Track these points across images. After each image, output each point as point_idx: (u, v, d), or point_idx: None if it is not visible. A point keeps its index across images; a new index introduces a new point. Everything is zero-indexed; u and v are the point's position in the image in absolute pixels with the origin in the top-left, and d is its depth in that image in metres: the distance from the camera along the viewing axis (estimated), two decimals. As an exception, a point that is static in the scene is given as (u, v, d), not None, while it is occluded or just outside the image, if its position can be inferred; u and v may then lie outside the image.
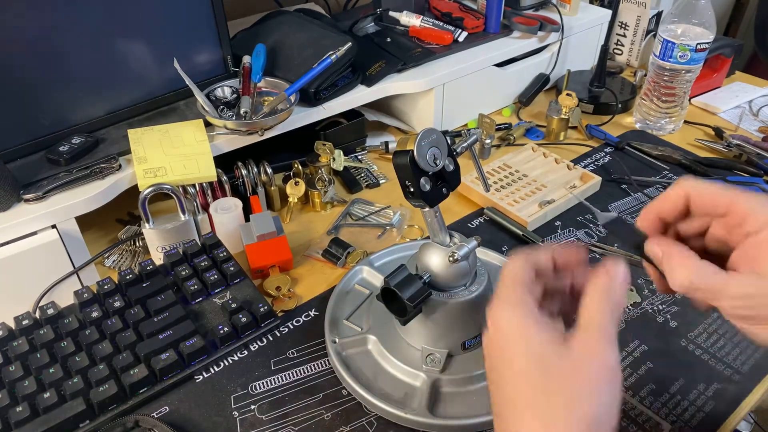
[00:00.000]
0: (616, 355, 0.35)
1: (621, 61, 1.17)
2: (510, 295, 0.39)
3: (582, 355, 0.35)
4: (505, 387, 0.37)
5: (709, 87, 1.10)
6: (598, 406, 0.34)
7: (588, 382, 0.34)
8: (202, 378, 0.59)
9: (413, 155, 0.49)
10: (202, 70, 0.81)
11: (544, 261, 0.41)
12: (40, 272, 0.65)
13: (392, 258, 0.71)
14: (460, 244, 0.54)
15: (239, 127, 0.74)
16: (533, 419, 0.35)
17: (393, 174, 0.68)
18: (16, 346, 0.57)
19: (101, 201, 0.67)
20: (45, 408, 0.52)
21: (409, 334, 0.59)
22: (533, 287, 0.40)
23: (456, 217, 0.81)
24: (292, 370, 0.60)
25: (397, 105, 0.98)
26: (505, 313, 0.38)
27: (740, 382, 0.58)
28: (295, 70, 0.82)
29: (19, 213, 0.63)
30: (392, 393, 0.56)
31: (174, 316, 0.61)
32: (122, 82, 0.75)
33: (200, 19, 0.78)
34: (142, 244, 0.75)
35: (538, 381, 0.35)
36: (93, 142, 0.72)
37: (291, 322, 0.65)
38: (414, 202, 0.52)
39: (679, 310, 0.66)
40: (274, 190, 0.80)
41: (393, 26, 0.98)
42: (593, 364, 0.35)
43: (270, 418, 0.55)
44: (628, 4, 1.11)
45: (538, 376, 0.35)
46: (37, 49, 0.67)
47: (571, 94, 0.94)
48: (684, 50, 0.88)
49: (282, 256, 0.70)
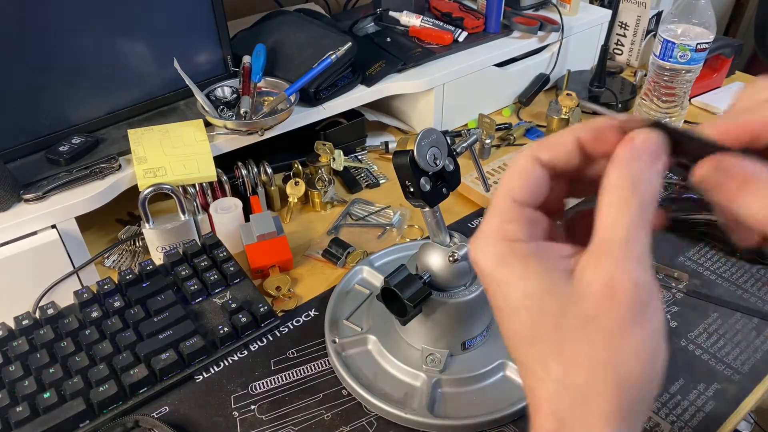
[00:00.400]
0: (648, 283, 0.25)
1: (621, 61, 1.17)
2: (490, 219, 0.29)
3: (596, 296, 0.25)
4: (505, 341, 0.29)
5: (709, 87, 1.09)
6: (628, 366, 0.25)
7: (604, 336, 0.25)
8: (202, 378, 0.59)
9: (413, 155, 0.49)
10: (202, 70, 0.81)
11: (564, 151, 0.29)
12: (40, 272, 0.65)
13: (392, 258, 0.71)
14: (460, 244, 0.54)
15: (239, 127, 0.74)
16: (540, 384, 0.27)
17: (393, 174, 0.68)
18: (16, 346, 0.57)
19: (101, 201, 0.67)
20: (45, 408, 0.52)
21: (409, 334, 0.59)
22: (534, 198, 0.29)
23: (456, 217, 0.81)
24: (292, 370, 0.60)
25: (397, 105, 0.98)
26: (480, 247, 0.29)
27: (740, 382, 0.58)
28: (295, 70, 0.82)
29: (19, 213, 0.63)
30: (392, 393, 0.56)
31: (174, 316, 0.61)
32: (122, 82, 0.75)
33: (200, 19, 0.78)
34: (142, 244, 0.75)
35: (535, 339, 0.27)
36: (93, 142, 0.72)
37: (291, 322, 0.65)
38: (414, 202, 0.52)
39: (679, 310, 0.66)
40: (274, 190, 0.80)
41: (393, 26, 0.98)
42: (614, 306, 0.25)
43: (270, 418, 0.55)
44: (628, 4, 1.11)
45: (531, 333, 0.27)
46: (37, 49, 0.67)
47: (571, 94, 0.94)
48: (684, 50, 0.88)
49: (282, 256, 0.70)
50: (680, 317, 0.65)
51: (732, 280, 0.69)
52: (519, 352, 0.28)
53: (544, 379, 0.27)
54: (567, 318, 0.26)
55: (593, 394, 0.26)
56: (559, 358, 0.26)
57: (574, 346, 0.26)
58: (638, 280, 0.25)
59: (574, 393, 0.26)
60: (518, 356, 0.29)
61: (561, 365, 0.26)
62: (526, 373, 0.28)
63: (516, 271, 0.28)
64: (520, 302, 0.27)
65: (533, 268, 0.27)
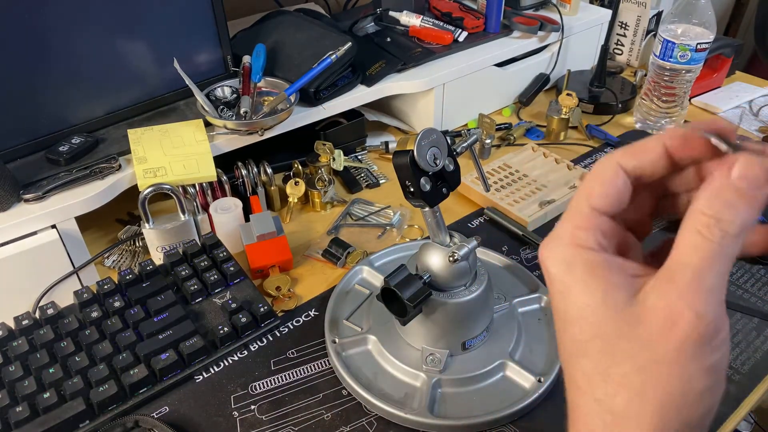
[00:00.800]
0: (716, 318, 0.24)
1: (621, 61, 1.17)
2: (564, 223, 0.28)
3: (655, 323, 0.24)
4: (561, 348, 0.28)
5: (709, 87, 1.09)
6: (673, 400, 0.24)
7: (655, 365, 0.24)
8: (202, 378, 0.59)
9: (413, 155, 0.49)
10: (202, 70, 0.81)
11: (650, 159, 0.28)
12: (40, 272, 0.65)
13: (392, 258, 0.71)
14: (460, 244, 0.54)
15: (239, 127, 0.74)
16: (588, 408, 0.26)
17: (393, 174, 0.68)
18: (16, 346, 0.57)
19: (101, 201, 0.67)
20: (45, 408, 0.52)
21: (409, 334, 0.59)
22: (613, 207, 0.28)
23: (456, 217, 0.81)
24: (292, 370, 0.60)
25: (397, 105, 0.98)
26: (550, 250, 0.28)
27: (740, 382, 0.58)
28: (295, 70, 0.82)
29: (19, 213, 0.63)
30: (392, 393, 0.56)
31: (174, 316, 0.61)
32: (122, 82, 0.75)
33: (200, 19, 0.78)
34: (142, 244, 0.75)
35: (585, 353, 0.26)
36: (93, 142, 0.72)
37: (291, 322, 0.65)
38: (414, 202, 0.52)
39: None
40: (274, 190, 0.80)
41: (393, 26, 0.98)
42: (672, 336, 0.24)
43: (270, 418, 0.55)
44: (628, 4, 1.11)
45: (583, 347, 0.26)
46: (37, 49, 0.67)
47: (571, 94, 0.94)
48: (684, 50, 0.88)
49: (282, 256, 0.70)
50: (680, 317, 0.65)
51: (732, 280, 0.69)
52: (567, 363, 0.28)
53: (587, 395, 0.26)
54: (620, 340, 0.25)
55: (630, 422, 0.25)
56: (604, 378, 0.26)
57: (620, 369, 0.25)
58: (704, 313, 0.24)
59: (611, 417, 0.25)
60: (566, 366, 0.28)
61: (604, 386, 0.26)
62: (570, 384, 0.28)
63: (579, 280, 0.27)
64: (579, 313, 0.27)
65: (597, 280, 0.26)
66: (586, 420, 0.26)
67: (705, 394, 0.25)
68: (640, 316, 0.25)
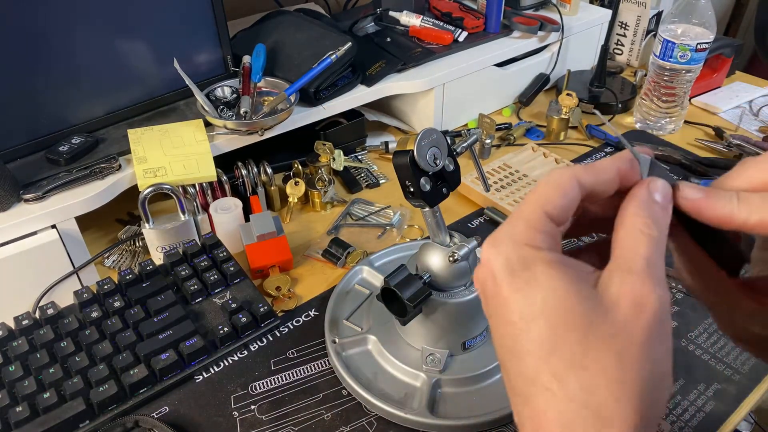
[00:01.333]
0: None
1: (621, 61, 1.17)
2: (515, 222, 0.28)
3: (624, 308, 0.26)
4: (511, 361, 0.28)
5: (710, 87, 1.09)
6: (651, 365, 0.26)
7: (629, 350, 0.25)
8: (202, 378, 0.59)
9: (413, 155, 0.49)
10: (202, 70, 0.81)
11: (606, 178, 0.29)
12: (40, 272, 0.65)
13: (392, 258, 0.71)
14: (460, 244, 0.54)
15: (239, 127, 0.74)
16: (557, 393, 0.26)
17: (393, 174, 0.68)
18: (16, 346, 0.57)
19: (101, 201, 0.67)
20: (45, 408, 0.52)
21: (409, 334, 0.59)
22: (563, 216, 0.29)
23: (456, 217, 0.81)
24: (292, 370, 0.60)
25: (397, 105, 0.98)
26: (500, 249, 0.28)
27: (740, 382, 0.58)
28: (295, 70, 0.82)
29: (19, 213, 0.63)
30: (392, 393, 0.56)
31: (174, 316, 0.61)
32: (122, 82, 0.75)
33: (200, 19, 0.78)
34: (142, 244, 0.75)
35: (553, 350, 0.26)
36: (93, 142, 0.72)
37: (291, 322, 0.65)
38: (414, 202, 0.52)
39: (679, 310, 0.66)
40: (274, 190, 0.80)
41: (393, 26, 0.98)
42: (642, 318, 0.26)
43: (270, 418, 0.55)
44: (628, 4, 1.11)
45: (549, 344, 0.26)
46: (37, 49, 0.67)
47: (571, 94, 0.94)
48: (684, 50, 0.88)
49: (282, 256, 0.70)
50: (680, 317, 0.65)
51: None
52: (528, 369, 0.26)
53: (557, 396, 0.25)
54: (592, 327, 0.26)
55: (614, 413, 0.25)
56: (578, 372, 0.25)
57: (597, 357, 0.25)
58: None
59: (591, 412, 0.25)
60: (526, 374, 0.27)
61: (580, 379, 0.25)
62: (532, 395, 0.26)
63: (540, 277, 0.27)
64: (541, 310, 0.26)
65: (560, 274, 0.27)
66: (559, 419, 0.25)
67: (667, 376, 0.27)
68: (607, 304, 0.26)
